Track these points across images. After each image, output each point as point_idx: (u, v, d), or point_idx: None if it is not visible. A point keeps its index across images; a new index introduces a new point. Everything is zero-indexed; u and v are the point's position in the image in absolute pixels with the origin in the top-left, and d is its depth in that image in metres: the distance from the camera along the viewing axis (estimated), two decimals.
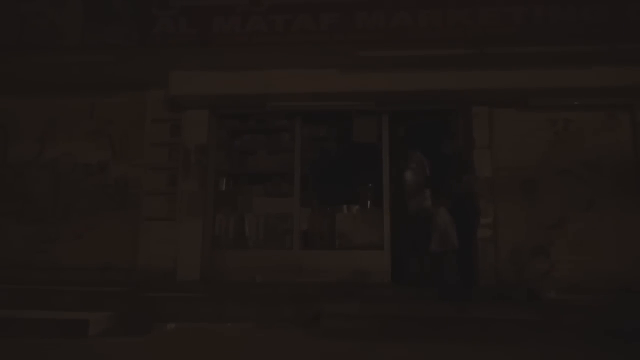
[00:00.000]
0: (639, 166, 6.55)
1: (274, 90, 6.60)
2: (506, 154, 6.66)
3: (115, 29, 6.62)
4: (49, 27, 6.71)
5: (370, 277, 6.51)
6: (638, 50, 6.05)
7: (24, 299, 5.69)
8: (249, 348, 4.58)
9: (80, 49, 6.61)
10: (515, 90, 6.40)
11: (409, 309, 5.37)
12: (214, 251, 6.90)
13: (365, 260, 6.62)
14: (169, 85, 6.70)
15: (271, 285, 6.20)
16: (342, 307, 5.42)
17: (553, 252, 6.43)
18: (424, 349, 4.43)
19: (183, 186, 6.84)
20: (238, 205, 7.22)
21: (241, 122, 7.41)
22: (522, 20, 6.22)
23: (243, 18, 6.44)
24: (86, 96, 7.21)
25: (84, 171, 7.12)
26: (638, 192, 6.47)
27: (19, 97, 7.23)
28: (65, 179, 7.13)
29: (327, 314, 5.19)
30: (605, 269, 6.20)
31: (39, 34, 6.70)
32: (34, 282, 6.34)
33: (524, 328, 4.87)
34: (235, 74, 6.59)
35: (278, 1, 6.46)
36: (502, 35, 6.19)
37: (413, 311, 5.32)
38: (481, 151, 6.62)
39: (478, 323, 4.98)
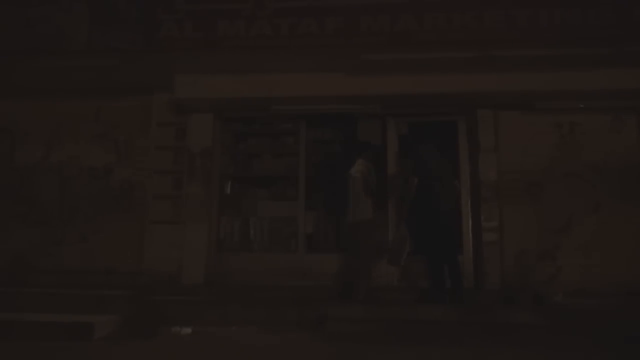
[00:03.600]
0: None
1: (279, 93, 6.60)
2: (512, 157, 6.62)
3: (121, 33, 6.66)
4: (55, 31, 6.76)
5: (374, 280, 6.49)
6: None
7: (29, 301, 5.71)
8: (253, 352, 4.57)
9: (86, 53, 6.65)
10: (520, 93, 6.38)
11: (415, 312, 5.35)
12: (218, 254, 6.90)
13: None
14: (174, 88, 6.72)
15: (276, 289, 6.19)
16: (347, 310, 5.41)
17: (559, 255, 6.38)
18: (429, 352, 4.40)
19: (188, 189, 6.85)
20: (243, 209, 7.23)
21: (246, 125, 7.42)
22: (527, 23, 6.21)
23: (248, 22, 6.46)
24: (92, 100, 7.23)
25: (89, 175, 7.14)
26: None
27: (26, 101, 7.27)
28: (71, 182, 7.15)
29: (332, 317, 5.17)
30: (612, 272, 6.14)
31: (45, 38, 6.74)
32: (39, 284, 6.34)
33: (530, 332, 4.84)
34: (240, 78, 6.60)
35: (283, 5, 6.48)
36: (507, 38, 6.18)
37: (418, 314, 5.30)
38: (486, 154, 6.60)
39: (484, 327, 4.95)
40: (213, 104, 6.89)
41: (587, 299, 5.84)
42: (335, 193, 6.79)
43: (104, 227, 6.92)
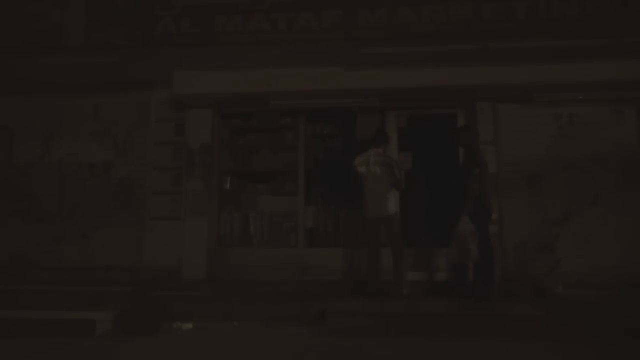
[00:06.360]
0: None
1: (277, 88, 6.60)
2: (511, 149, 6.64)
3: (119, 29, 6.63)
4: (53, 28, 6.73)
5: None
6: None
7: (30, 299, 5.71)
8: (254, 346, 4.58)
9: (83, 49, 6.62)
10: (519, 85, 6.38)
11: (415, 306, 5.36)
12: (219, 250, 6.91)
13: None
14: (172, 84, 6.72)
15: (276, 283, 6.21)
16: (347, 304, 5.42)
17: (559, 247, 6.41)
18: (430, 345, 4.41)
19: (187, 185, 6.87)
20: (242, 204, 7.24)
21: (245, 120, 7.41)
22: (525, 14, 6.19)
23: (245, 16, 6.43)
24: (90, 96, 7.25)
25: (88, 171, 7.16)
26: None
27: (24, 98, 7.29)
28: (71, 179, 7.16)
29: (333, 312, 5.18)
30: (611, 263, 6.17)
31: (42, 35, 6.71)
32: (39, 282, 6.36)
33: (531, 324, 4.85)
34: (238, 73, 6.60)
35: None
36: (505, 30, 6.15)
37: (418, 308, 5.31)
38: (485, 147, 6.57)
39: (484, 319, 4.96)
40: (212, 100, 6.89)
41: (587, 291, 5.85)
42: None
43: (103, 224, 6.94)
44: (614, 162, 6.53)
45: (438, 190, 6.51)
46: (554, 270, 6.33)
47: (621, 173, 6.49)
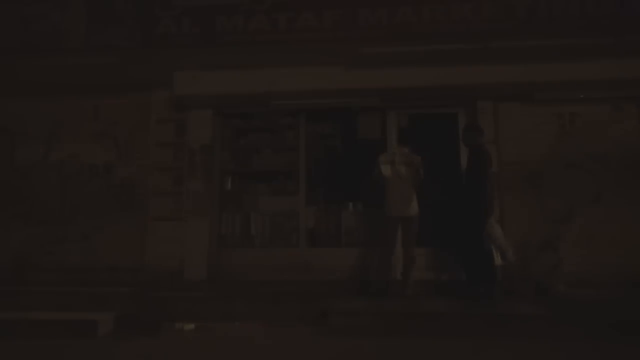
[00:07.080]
0: None
1: (278, 88, 6.60)
2: (512, 148, 6.63)
3: (119, 30, 6.64)
4: (53, 29, 6.74)
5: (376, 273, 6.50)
6: None
7: (32, 300, 5.72)
8: (256, 347, 4.58)
9: (83, 50, 6.64)
10: (520, 84, 6.38)
11: (417, 306, 5.37)
12: (220, 250, 6.91)
13: (372, 258, 6.59)
14: (173, 85, 6.72)
15: (278, 284, 6.20)
16: (349, 304, 5.42)
17: (561, 246, 6.39)
18: (431, 345, 4.41)
19: (189, 186, 6.87)
20: (244, 204, 7.22)
21: (246, 121, 7.40)
22: (526, 13, 6.19)
23: (246, 17, 6.44)
24: (91, 98, 7.25)
25: (90, 172, 7.17)
26: None
27: (24, 100, 7.29)
28: (72, 180, 7.17)
29: (335, 312, 5.18)
30: (613, 262, 6.15)
31: (42, 36, 6.73)
32: (41, 283, 6.37)
33: (532, 323, 4.85)
34: (239, 73, 6.61)
35: None
36: (506, 29, 6.16)
37: (420, 308, 5.31)
38: (487, 146, 6.59)
39: (486, 318, 4.95)
40: (212, 100, 6.89)
41: (588, 290, 5.85)
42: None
43: (105, 225, 6.94)
44: (615, 161, 6.52)
45: (440, 189, 6.51)
46: (555, 269, 6.32)
47: (623, 172, 6.48)
